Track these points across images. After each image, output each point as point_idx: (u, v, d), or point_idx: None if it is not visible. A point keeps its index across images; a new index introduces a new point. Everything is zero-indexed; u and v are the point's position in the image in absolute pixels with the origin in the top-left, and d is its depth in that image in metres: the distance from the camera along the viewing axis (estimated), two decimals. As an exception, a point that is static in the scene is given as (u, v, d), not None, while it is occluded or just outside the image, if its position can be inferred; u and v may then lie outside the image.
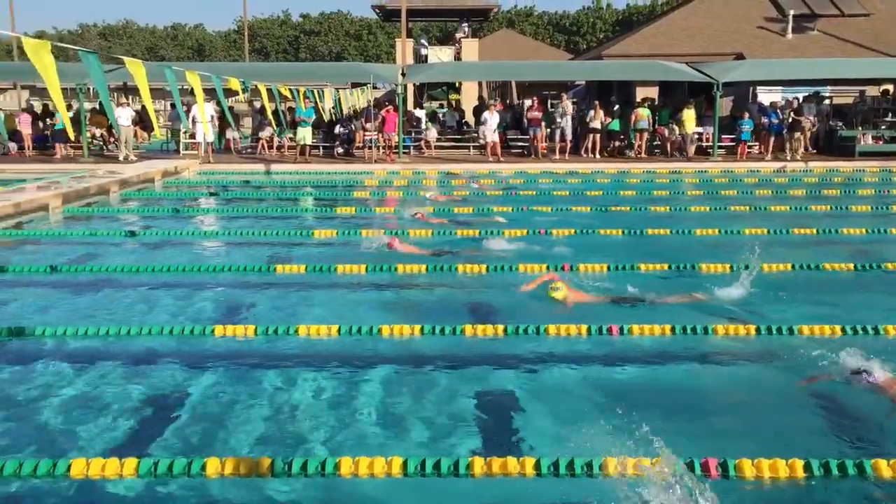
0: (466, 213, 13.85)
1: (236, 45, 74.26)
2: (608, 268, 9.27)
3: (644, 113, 23.38)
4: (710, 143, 23.62)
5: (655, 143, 24.34)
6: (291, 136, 23.38)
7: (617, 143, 24.04)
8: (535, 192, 16.69)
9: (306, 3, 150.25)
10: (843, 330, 6.86)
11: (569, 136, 23.36)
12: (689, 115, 22.99)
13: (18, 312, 7.71)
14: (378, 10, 37.67)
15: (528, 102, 25.95)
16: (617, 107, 24.78)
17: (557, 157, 23.23)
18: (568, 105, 23.80)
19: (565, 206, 14.61)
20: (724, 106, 25.69)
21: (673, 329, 6.87)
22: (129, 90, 28.49)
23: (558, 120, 23.16)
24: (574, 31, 73.23)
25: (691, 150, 23.33)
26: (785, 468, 4.36)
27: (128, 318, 7.39)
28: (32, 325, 6.99)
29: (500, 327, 6.93)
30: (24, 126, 23.78)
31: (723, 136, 23.84)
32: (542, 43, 59.46)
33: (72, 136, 18.11)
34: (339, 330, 6.86)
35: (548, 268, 9.18)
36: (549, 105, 26.05)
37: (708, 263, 9.44)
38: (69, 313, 7.65)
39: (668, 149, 23.64)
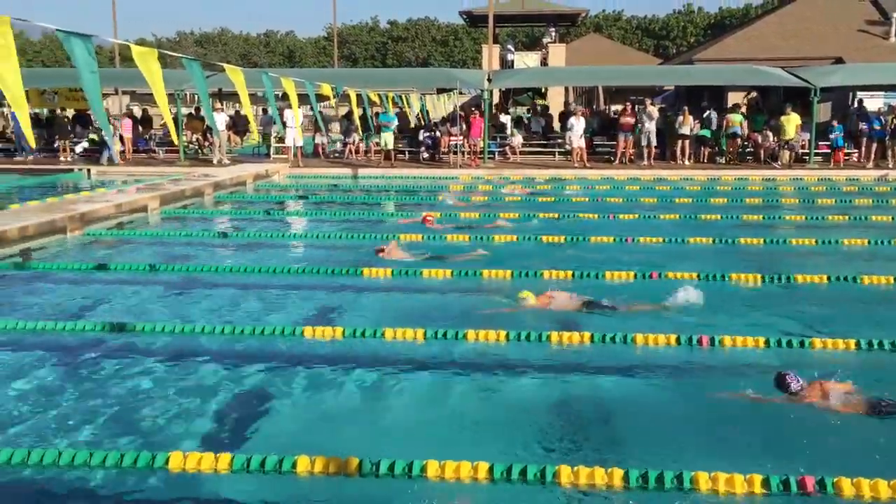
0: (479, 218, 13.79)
1: (325, 52, 75.77)
2: (698, 276, 9.06)
3: (736, 119, 22.75)
4: (807, 150, 22.80)
5: (748, 149, 23.67)
6: (378, 140, 23.70)
7: (707, 150, 23.48)
8: (621, 199, 16.45)
9: (394, 10, 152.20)
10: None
11: (653, 142, 22.96)
12: (789, 120, 22.19)
13: (119, 309, 8.04)
14: (465, 16, 37.84)
15: (616, 108, 25.63)
16: (708, 112, 24.22)
17: (645, 162, 22.85)
18: (653, 110, 23.38)
19: (653, 213, 14.36)
20: (823, 112, 24.79)
21: (767, 342, 6.67)
22: (223, 96, 29.37)
23: (646, 125, 22.77)
24: (663, 36, 71.92)
25: (785, 156, 22.57)
26: (887, 489, 4.17)
27: (221, 317, 7.61)
28: (133, 321, 7.27)
29: (587, 335, 6.85)
30: (126, 130, 24.79)
31: (820, 143, 22.99)
32: (629, 47, 58.61)
33: (175, 139, 18.94)
34: (424, 334, 6.90)
35: (636, 276, 9.05)
36: (635, 110, 25.68)
37: (804, 274, 9.12)
38: (166, 311, 7.94)
39: (762, 155, 22.93)
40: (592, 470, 4.32)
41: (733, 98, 26.89)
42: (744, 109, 23.78)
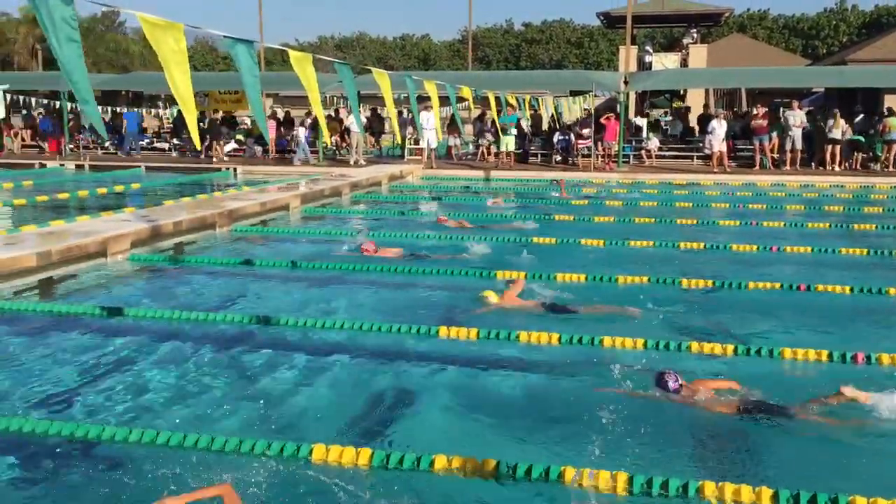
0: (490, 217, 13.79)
1: (459, 55, 76.49)
2: (851, 290, 8.54)
3: (895, 123, 21.32)
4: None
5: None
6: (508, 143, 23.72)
7: (860, 155, 22.13)
8: (764, 206, 15.75)
9: (529, 12, 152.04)
10: None
11: (799, 146, 21.85)
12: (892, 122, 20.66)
13: (264, 302, 8.38)
14: (602, 17, 37.27)
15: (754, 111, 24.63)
16: (861, 116, 22.83)
17: (788, 167, 21.80)
18: (801, 113, 22.25)
19: (800, 221, 13.67)
20: None
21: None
22: (359, 98, 30.23)
23: (792, 129, 21.70)
24: (812, 35, 68.36)
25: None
26: None
27: (358, 314, 7.76)
28: (277, 314, 7.56)
29: (730, 346, 6.58)
30: (269, 131, 25.87)
31: None
32: (775, 48, 56.04)
33: (328, 140, 20.00)
34: (559, 339, 6.82)
35: (782, 286, 8.63)
36: (780, 113, 24.51)
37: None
38: (307, 306, 8.20)
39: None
40: (738, 488, 4.13)
41: (889, 101, 25.22)
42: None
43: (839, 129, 21.57)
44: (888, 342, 6.78)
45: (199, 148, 18.08)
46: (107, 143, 26.94)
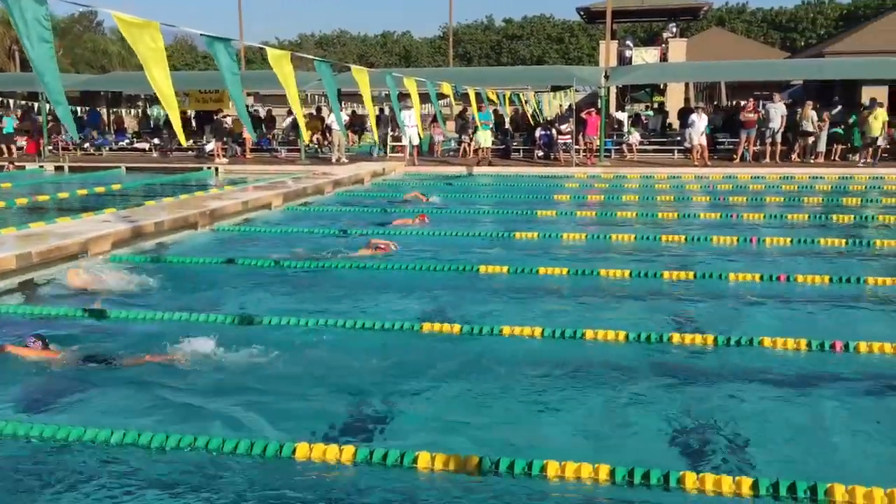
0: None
1: (441, 51, 76.42)
2: (830, 279, 8.65)
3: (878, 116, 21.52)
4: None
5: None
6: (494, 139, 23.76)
7: (840, 148, 22.36)
8: (745, 199, 15.88)
9: (510, 8, 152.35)
10: None
11: (779, 139, 22.08)
12: (876, 116, 20.89)
13: (246, 302, 8.34)
14: (582, 13, 37.39)
15: (739, 103, 24.82)
16: (838, 108, 23.07)
17: (768, 160, 22.00)
18: (782, 105, 22.45)
19: (780, 212, 13.80)
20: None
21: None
22: (341, 96, 30.10)
23: (771, 123, 21.90)
24: (791, 28, 68.87)
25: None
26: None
27: (342, 312, 7.74)
28: (259, 314, 7.53)
29: (710, 336, 6.66)
30: (247, 130, 25.78)
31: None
32: (754, 41, 56.43)
33: (306, 138, 20.29)
34: (542, 332, 6.85)
35: (762, 278, 8.71)
36: (760, 106, 24.71)
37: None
38: (291, 304, 8.17)
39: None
40: (719, 478, 4.19)
41: (867, 93, 25.48)
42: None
43: (809, 120, 21.79)
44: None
45: (183, 144, 17.97)
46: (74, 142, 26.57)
